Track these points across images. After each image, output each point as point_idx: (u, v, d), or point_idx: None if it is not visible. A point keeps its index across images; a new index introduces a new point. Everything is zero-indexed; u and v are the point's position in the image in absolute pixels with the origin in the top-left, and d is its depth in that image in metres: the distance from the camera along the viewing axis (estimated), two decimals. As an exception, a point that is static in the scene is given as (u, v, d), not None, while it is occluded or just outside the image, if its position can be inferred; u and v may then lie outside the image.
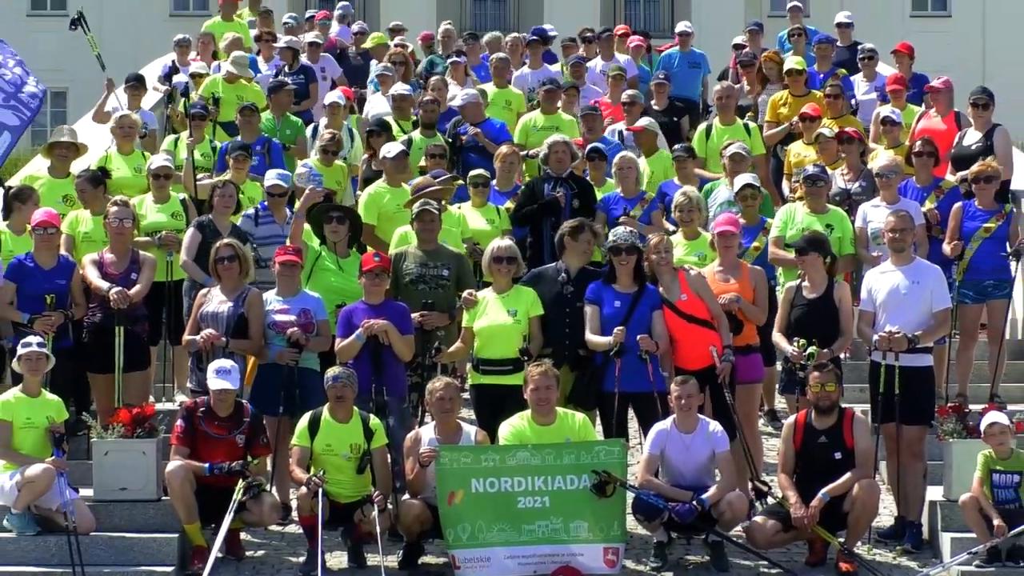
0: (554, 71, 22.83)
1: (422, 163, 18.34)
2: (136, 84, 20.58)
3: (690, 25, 24.65)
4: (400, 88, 20.36)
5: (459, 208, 17.09)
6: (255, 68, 22.01)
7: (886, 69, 21.20)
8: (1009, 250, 16.91)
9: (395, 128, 19.54)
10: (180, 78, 23.08)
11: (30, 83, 18.18)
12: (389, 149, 18.00)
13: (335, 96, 20.33)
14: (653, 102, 21.33)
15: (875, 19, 29.84)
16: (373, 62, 24.73)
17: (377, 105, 20.91)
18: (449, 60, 23.30)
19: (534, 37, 24.29)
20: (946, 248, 16.52)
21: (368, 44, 25.80)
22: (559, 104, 20.30)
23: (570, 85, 21.35)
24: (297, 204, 16.98)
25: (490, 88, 20.93)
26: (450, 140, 19.25)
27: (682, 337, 14.64)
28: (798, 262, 15.39)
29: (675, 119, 21.25)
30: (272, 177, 17.33)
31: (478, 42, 24.08)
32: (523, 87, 22.08)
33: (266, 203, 16.94)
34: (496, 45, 24.29)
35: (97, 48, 24.18)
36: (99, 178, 16.93)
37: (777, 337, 15.15)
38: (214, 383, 14.03)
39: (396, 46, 23.76)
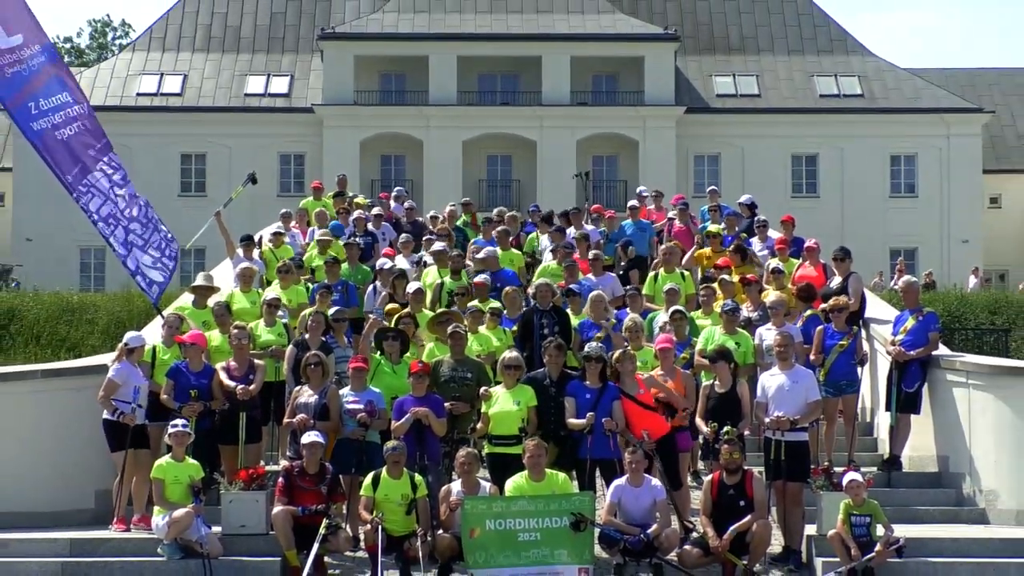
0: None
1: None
2: (249, 242, 20.65)
3: (637, 202, 24.63)
4: (440, 245, 20.37)
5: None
6: (340, 231, 22.06)
7: (774, 233, 21.25)
8: (855, 360, 17.06)
9: (436, 271, 19.52)
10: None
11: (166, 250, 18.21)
12: (409, 287, 18.16)
13: (385, 261, 20.28)
14: (622, 258, 21.32)
15: (766, 199, 29.81)
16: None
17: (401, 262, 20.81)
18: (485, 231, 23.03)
19: (533, 209, 24.32)
20: (811, 358, 16.49)
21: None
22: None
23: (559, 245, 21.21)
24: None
25: (498, 249, 20.76)
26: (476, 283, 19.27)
27: (638, 420, 14.64)
28: (711, 368, 15.28)
29: (629, 269, 21.26)
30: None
31: (491, 224, 23.88)
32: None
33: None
34: (501, 219, 24.15)
35: (236, 195, 24.35)
36: (226, 310, 16.93)
37: (698, 421, 15.37)
38: (307, 439, 14.35)
39: (440, 224, 23.57)
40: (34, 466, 16.10)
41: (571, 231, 22.55)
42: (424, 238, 21.90)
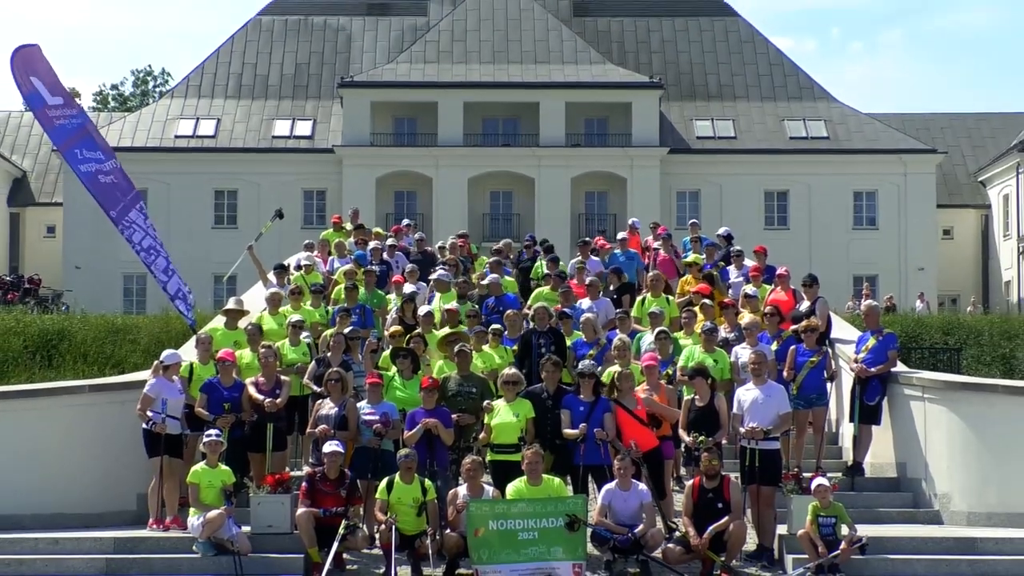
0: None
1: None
2: (280, 270, 20.67)
3: (626, 234, 24.61)
4: (441, 274, 20.35)
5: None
6: (364, 261, 22.04)
7: (749, 262, 21.25)
8: (826, 376, 17.05)
9: (438, 298, 19.55)
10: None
11: None
12: (420, 310, 18.23)
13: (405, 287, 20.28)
14: (610, 284, 21.29)
15: (742, 231, 29.88)
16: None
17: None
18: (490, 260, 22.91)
19: (529, 240, 24.32)
20: (784, 374, 16.46)
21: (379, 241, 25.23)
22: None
23: (551, 274, 21.19)
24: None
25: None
26: (477, 305, 19.25)
27: (630, 430, 14.69)
28: (691, 383, 15.34)
29: (620, 294, 21.24)
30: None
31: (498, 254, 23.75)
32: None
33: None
34: (502, 249, 24.09)
35: (267, 230, 24.37)
36: (257, 331, 16.97)
37: (680, 432, 15.31)
38: (328, 448, 14.38)
39: (454, 253, 23.53)
40: (81, 471, 16.18)
41: (574, 260, 22.59)
42: (436, 267, 21.91)
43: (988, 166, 63.74)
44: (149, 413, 15.27)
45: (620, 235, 24.45)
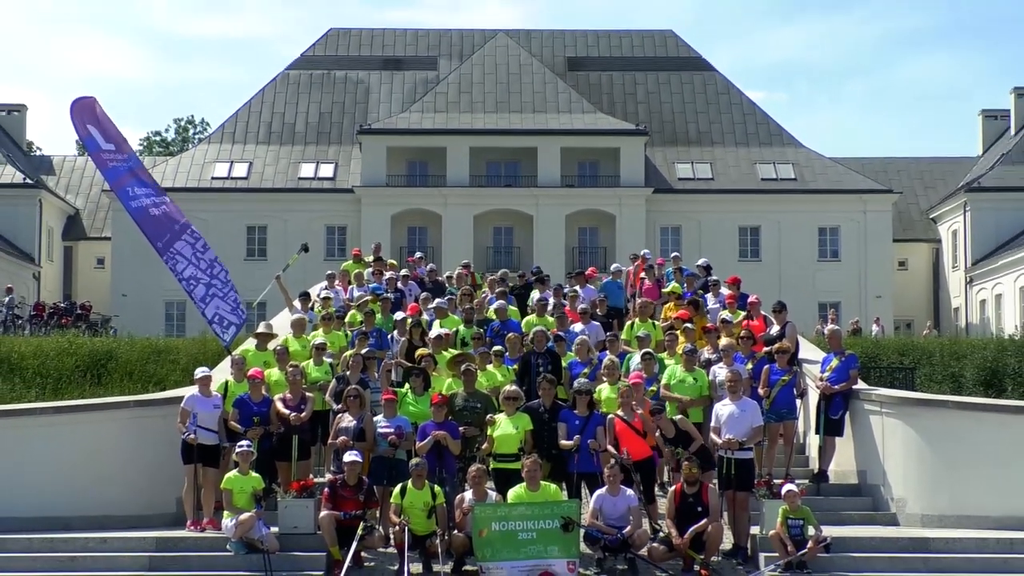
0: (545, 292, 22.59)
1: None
2: (304, 297, 20.65)
3: (617, 265, 24.62)
4: (440, 301, 20.32)
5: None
6: (380, 291, 22.02)
7: (725, 290, 21.26)
8: (795, 392, 17.00)
9: (437, 323, 19.56)
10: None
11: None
12: (431, 333, 18.26)
13: (403, 314, 20.21)
14: (597, 310, 21.28)
15: (718, 262, 29.94)
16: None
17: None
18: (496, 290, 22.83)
19: (535, 271, 24.29)
20: (760, 391, 16.44)
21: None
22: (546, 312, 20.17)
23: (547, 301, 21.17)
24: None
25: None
26: (483, 330, 19.21)
27: (625, 440, 14.75)
28: (656, 421, 15.34)
29: (610, 319, 21.24)
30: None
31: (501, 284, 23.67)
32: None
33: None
34: (503, 279, 24.04)
35: (293, 261, 24.45)
36: (284, 352, 16.98)
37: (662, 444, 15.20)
38: (348, 457, 14.39)
39: (460, 283, 23.50)
40: (127, 478, 16.22)
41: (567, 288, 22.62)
42: (447, 296, 21.87)
43: (938, 205, 63.89)
44: (182, 426, 15.39)
45: (613, 267, 24.50)
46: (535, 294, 21.88)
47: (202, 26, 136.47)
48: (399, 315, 19.58)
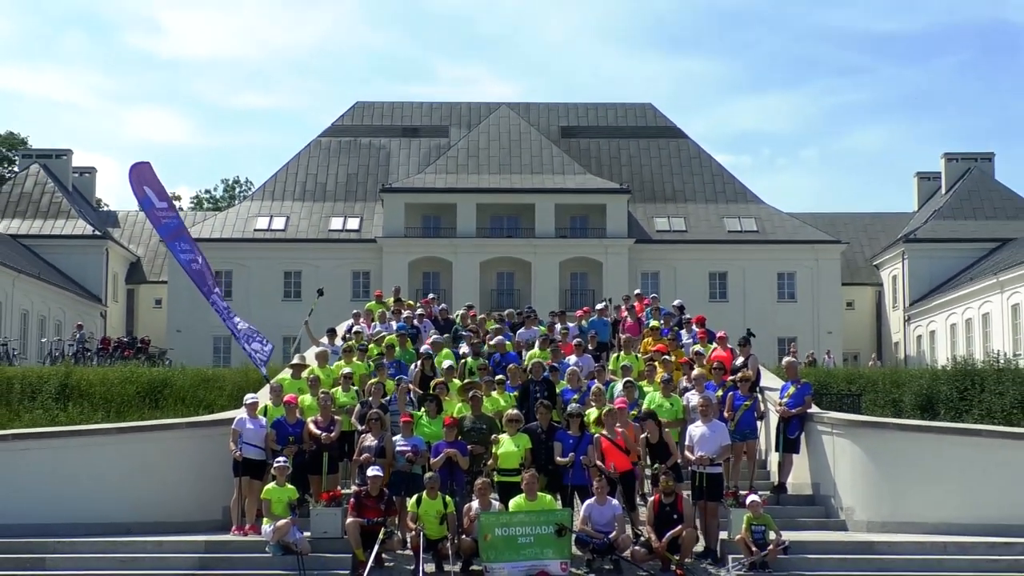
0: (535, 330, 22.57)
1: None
2: (331, 333, 20.61)
3: (602, 302, 24.65)
4: (436, 338, 20.27)
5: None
6: (404, 328, 21.96)
7: (696, 328, 21.32)
8: (756, 416, 17.06)
9: (443, 351, 19.55)
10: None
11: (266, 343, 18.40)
12: (443, 364, 18.15)
13: (426, 347, 20.17)
14: (589, 345, 21.24)
15: (691, 303, 29.96)
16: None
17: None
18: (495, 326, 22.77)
19: (529, 310, 24.26)
20: (726, 415, 16.39)
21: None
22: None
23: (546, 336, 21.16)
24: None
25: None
26: (487, 358, 19.20)
27: (611, 455, 14.70)
28: (644, 424, 15.34)
29: (598, 352, 21.20)
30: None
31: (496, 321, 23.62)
32: (523, 339, 21.96)
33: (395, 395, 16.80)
34: (502, 318, 24.04)
35: (314, 305, 24.43)
36: (316, 381, 16.98)
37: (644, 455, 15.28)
38: (370, 472, 14.36)
39: (468, 321, 23.46)
40: (179, 488, 16.22)
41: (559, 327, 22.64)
42: (458, 333, 21.84)
43: (880, 253, 63.98)
44: (231, 445, 15.41)
45: (599, 305, 24.53)
46: (522, 330, 21.96)
47: (246, 100, 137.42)
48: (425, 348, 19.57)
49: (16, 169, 67.49)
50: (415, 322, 22.48)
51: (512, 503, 14.10)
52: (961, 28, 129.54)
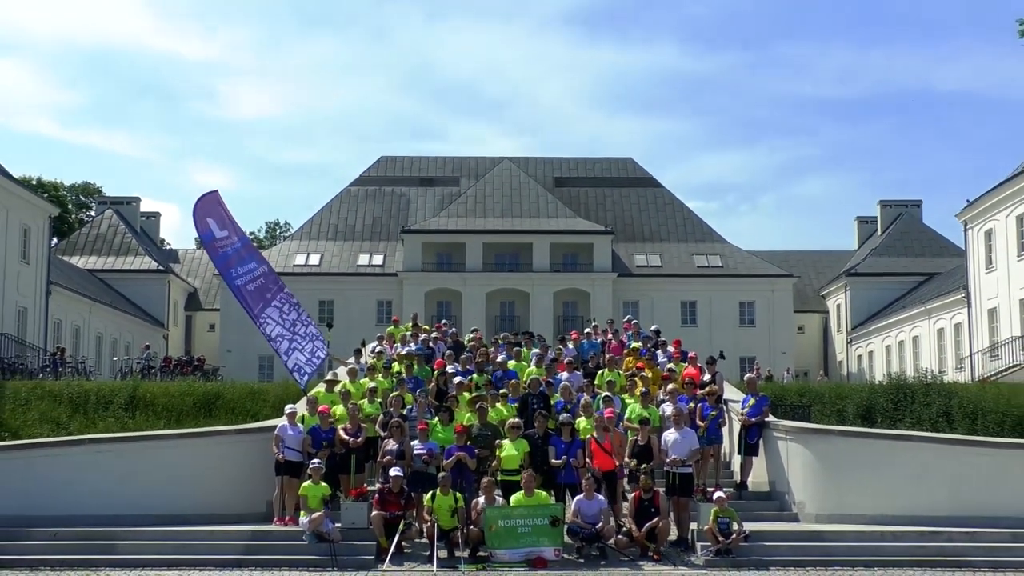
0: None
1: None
2: (357, 352, 20.63)
3: (590, 328, 24.63)
4: (450, 369, 19.77)
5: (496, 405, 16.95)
6: (421, 350, 21.98)
7: (671, 348, 21.28)
8: (721, 423, 17.06)
9: (451, 368, 19.52)
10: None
11: (319, 348, 18.31)
12: (453, 378, 18.16)
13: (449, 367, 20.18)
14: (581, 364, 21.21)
15: (666, 328, 29.94)
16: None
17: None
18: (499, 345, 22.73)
19: (527, 332, 24.25)
20: (697, 423, 16.36)
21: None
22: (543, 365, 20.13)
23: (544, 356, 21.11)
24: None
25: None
26: (492, 378, 19.19)
27: (597, 457, 14.81)
28: (638, 429, 15.36)
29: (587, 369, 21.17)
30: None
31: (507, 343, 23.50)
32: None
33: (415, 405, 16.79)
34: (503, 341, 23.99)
35: (329, 334, 24.34)
36: (347, 394, 16.99)
37: (625, 459, 15.17)
38: (392, 472, 14.49)
39: (474, 343, 23.43)
40: (229, 485, 16.17)
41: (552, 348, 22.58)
42: (463, 355, 21.87)
43: (826, 285, 64.00)
44: (274, 448, 15.39)
45: (587, 329, 24.54)
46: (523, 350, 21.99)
47: (287, 155, 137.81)
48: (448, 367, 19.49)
49: (92, 214, 68.22)
50: (430, 344, 22.52)
51: (513, 498, 14.16)
52: (893, 95, 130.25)
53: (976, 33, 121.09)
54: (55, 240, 57.16)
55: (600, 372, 19.68)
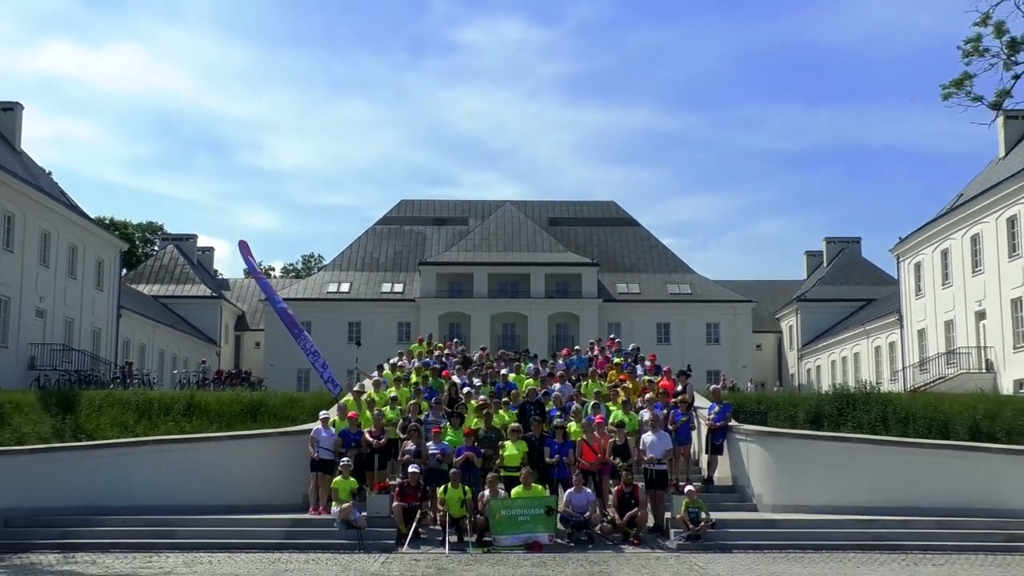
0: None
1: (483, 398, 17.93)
2: (380, 368, 20.60)
3: (578, 347, 24.64)
4: (456, 379, 19.64)
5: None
6: (433, 363, 21.94)
7: (648, 363, 21.27)
8: (691, 427, 16.99)
9: (456, 379, 19.36)
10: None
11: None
12: (463, 390, 18.00)
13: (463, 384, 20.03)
14: (572, 376, 21.11)
15: (645, 345, 29.90)
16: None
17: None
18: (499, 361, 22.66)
19: (525, 350, 24.20)
20: (669, 427, 16.25)
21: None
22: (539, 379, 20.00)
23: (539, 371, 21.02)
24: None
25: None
26: (495, 388, 19.15)
27: (586, 456, 14.80)
28: (615, 431, 15.27)
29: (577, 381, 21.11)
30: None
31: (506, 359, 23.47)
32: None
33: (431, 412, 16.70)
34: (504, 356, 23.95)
35: (357, 356, 24.19)
36: (372, 403, 16.95)
37: (609, 458, 15.00)
38: (410, 469, 14.35)
39: (481, 357, 23.41)
40: (271, 480, 16.10)
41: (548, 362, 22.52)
42: (470, 368, 21.84)
43: (781, 309, 63.88)
44: (310, 448, 15.34)
45: (576, 346, 24.53)
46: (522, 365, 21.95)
47: (321, 199, 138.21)
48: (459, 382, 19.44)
49: (156, 248, 68.66)
50: (443, 359, 22.51)
51: (513, 491, 14.12)
52: (837, 148, 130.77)
53: (907, 96, 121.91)
54: (124, 270, 57.31)
55: (585, 383, 19.70)
